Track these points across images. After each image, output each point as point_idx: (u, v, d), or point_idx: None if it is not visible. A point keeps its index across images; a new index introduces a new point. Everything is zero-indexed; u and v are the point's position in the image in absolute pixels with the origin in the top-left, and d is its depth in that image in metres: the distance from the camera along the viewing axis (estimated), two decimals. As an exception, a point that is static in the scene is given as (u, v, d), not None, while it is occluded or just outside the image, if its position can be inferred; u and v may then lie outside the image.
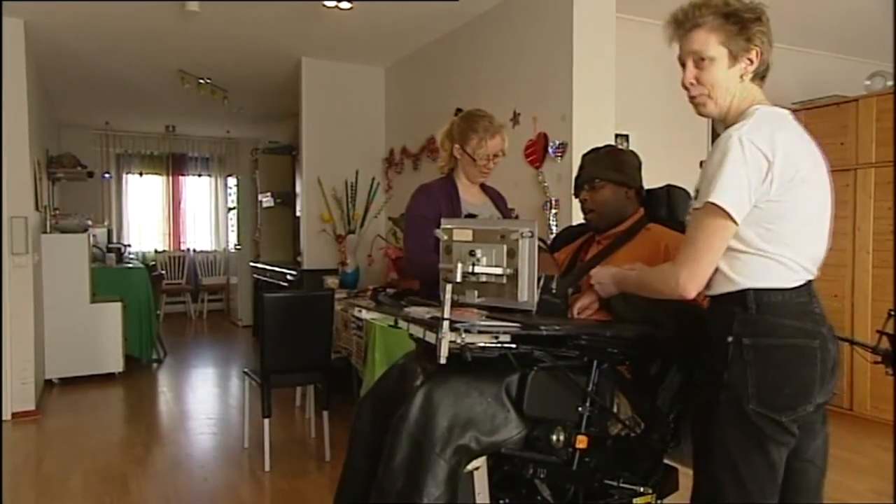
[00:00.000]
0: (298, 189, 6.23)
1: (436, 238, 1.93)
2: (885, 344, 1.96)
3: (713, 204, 1.47)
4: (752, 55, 1.57)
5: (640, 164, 2.27)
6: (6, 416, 4.48)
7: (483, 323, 1.61)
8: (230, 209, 9.74)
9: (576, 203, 2.37)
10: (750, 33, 1.55)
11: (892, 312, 2.06)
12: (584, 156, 2.31)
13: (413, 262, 2.54)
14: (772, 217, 1.50)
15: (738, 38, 1.56)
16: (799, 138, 1.57)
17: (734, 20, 1.55)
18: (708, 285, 1.58)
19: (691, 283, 1.53)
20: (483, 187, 2.64)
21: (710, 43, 1.57)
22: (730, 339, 1.53)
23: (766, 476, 1.54)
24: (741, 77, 1.58)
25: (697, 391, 1.66)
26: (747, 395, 1.51)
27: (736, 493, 1.54)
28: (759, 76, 1.61)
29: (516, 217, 4.05)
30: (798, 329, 1.52)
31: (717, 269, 1.56)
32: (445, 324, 1.50)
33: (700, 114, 1.66)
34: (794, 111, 4.96)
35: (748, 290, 1.53)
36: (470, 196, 2.56)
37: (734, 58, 1.57)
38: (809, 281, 1.57)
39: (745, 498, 1.54)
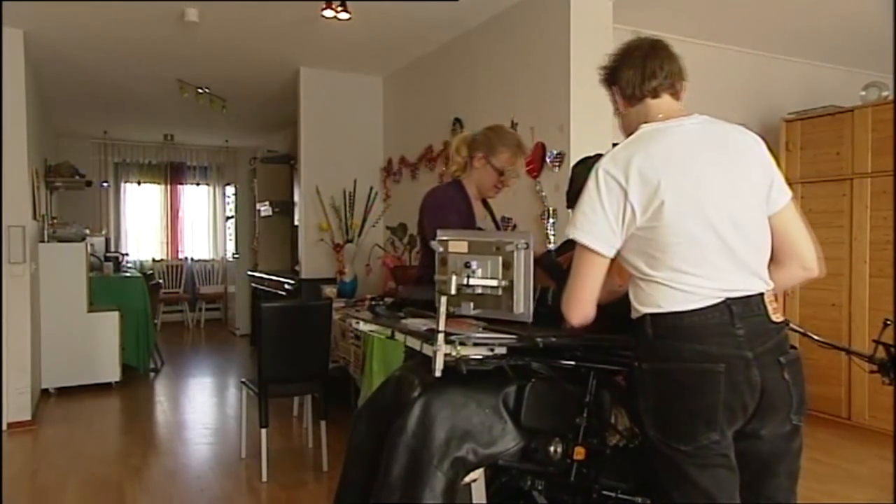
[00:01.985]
0: (296, 198, 6.23)
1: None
2: (881, 353, 1.96)
3: (573, 238, 1.53)
4: (613, 93, 1.70)
5: None
6: (2, 426, 4.46)
7: (478, 335, 1.61)
8: (228, 218, 9.74)
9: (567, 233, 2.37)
10: (608, 82, 1.71)
11: (888, 322, 2.06)
12: (574, 167, 2.31)
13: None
14: (653, 244, 1.48)
15: (609, 94, 1.73)
16: (670, 151, 1.51)
17: (603, 83, 1.74)
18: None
19: (569, 312, 1.59)
20: (483, 202, 2.64)
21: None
22: (636, 364, 1.54)
23: (700, 501, 1.47)
24: (620, 112, 1.70)
25: None
26: (647, 422, 1.50)
27: None
28: (637, 96, 1.63)
29: (514, 228, 4.06)
30: (698, 352, 1.44)
31: (629, 296, 1.57)
32: (440, 336, 1.50)
33: None
34: (789, 121, 5.03)
35: (646, 315, 1.51)
36: (476, 208, 2.57)
37: (613, 105, 1.73)
38: (729, 300, 1.46)
39: None
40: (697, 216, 1.47)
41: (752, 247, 1.51)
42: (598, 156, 2.35)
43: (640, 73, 1.62)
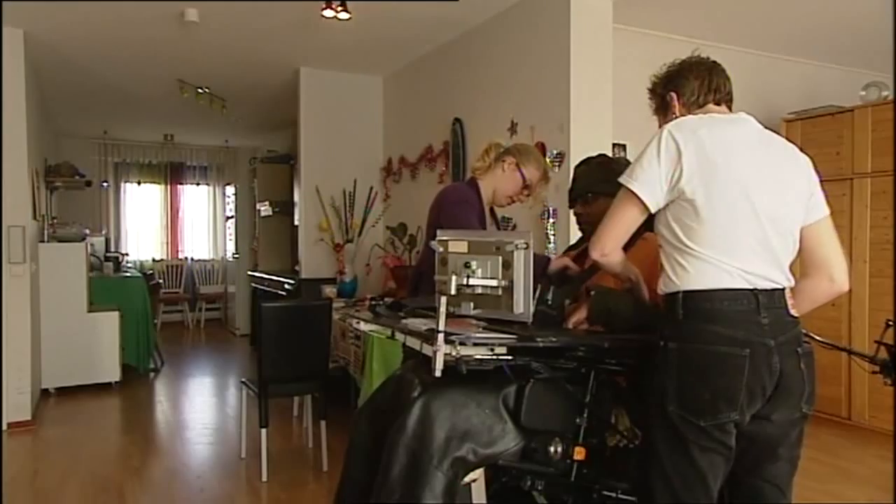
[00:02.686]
0: (296, 198, 6.23)
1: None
2: (883, 354, 1.96)
3: (623, 185, 1.63)
4: (668, 98, 1.82)
5: None
6: (2, 426, 4.46)
7: (478, 335, 1.61)
8: (228, 218, 9.74)
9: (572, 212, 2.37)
10: (662, 86, 1.85)
11: (890, 322, 2.06)
12: (577, 167, 2.32)
13: None
14: (694, 215, 1.55)
15: (655, 99, 1.90)
16: (733, 137, 1.61)
17: (653, 89, 1.90)
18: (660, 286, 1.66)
19: (594, 246, 1.69)
20: (490, 210, 2.64)
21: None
22: (661, 343, 1.59)
23: (694, 482, 1.56)
24: (673, 116, 1.79)
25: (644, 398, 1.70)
26: (669, 397, 1.55)
27: (666, 496, 1.58)
28: (698, 105, 1.76)
29: (514, 228, 4.06)
30: (725, 336, 1.52)
31: (662, 270, 1.64)
32: (440, 336, 1.50)
33: None
34: (789, 121, 5.03)
35: (678, 293, 1.58)
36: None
37: (661, 110, 1.87)
38: (757, 289, 1.54)
39: (674, 500, 1.57)
40: (742, 198, 1.55)
41: (783, 242, 1.60)
42: (601, 155, 2.37)
43: (707, 83, 1.76)
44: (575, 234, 3.35)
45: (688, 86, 1.77)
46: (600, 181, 2.20)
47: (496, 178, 2.57)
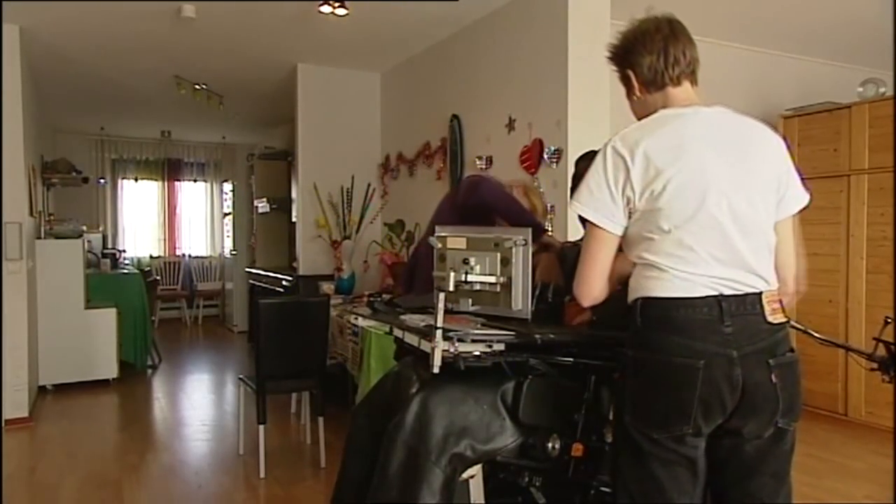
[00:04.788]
0: (294, 195, 6.22)
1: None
2: (882, 351, 1.96)
3: (579, 214, 1.54)
4: (628, 76, 1.63)
5: None
6: (0, 423, 4.46)
7: (476, 332, 1.61)
8: (226, 215, 9.71)
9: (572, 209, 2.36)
10: (619, 62, 1.64)
11: (889, 320, 2.06)
12: (578, 163, 2.31)
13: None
14: (652, 227, 1.47)
15: (618, 72, 1.67)
16: (683, 138, 1.48)
17: (610, 61, 1.68)
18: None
19: (579, 292, 1.57)
20: None
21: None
22: (625, 350, 1.54)
23: (653, 494, 1.48)
24: (634, 97, 1.64)
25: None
26: (626, 407, 1.51)
27: None
28: (657, 84, 1.58)
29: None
30: (681, 346, 1.43)
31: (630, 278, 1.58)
32: (438, 333, 1.50)
33: None
34: (786, 118, 5.03)
35: (637, 300, 1.51)
36: None
37: (625, 86, 1.67)
38: (721, 296, 1.44)
39: None
40: (697, 205, 1.45)
41: (752, 243, 1.48)
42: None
43: (663, 59, 1.56)
44: (573, 230, 3.36)
45: (643, 62, 1.58)
46: None
47: None
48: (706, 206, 1.45)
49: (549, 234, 2.45)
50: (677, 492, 1.48)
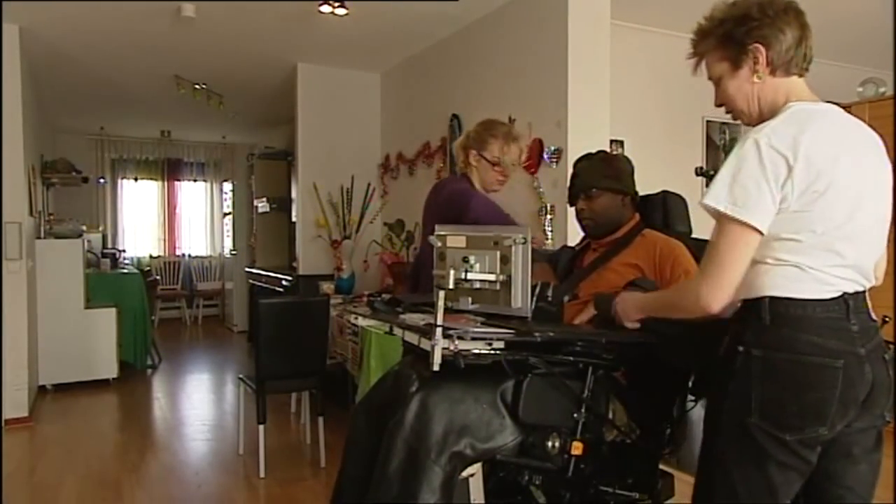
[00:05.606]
0: (294, 194, 6.22)
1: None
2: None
3: (728, 215, 1.39)
4: (754, 53, 1.48)
5: (632, 169, 2.28)
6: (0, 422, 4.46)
7: (476, 330, 1.61)
8: (226, 214, 9.72)
9: (571, 209, 2.37)
10: (740, 35, 1.49)
11: (888, 319, 2.06)
12: (577, 163, 2.30)
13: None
14: (795, 227, 1.39)
15: (731, 46, 1.51)
16: (834, 138, 1.43)
17: (721, 32, 1.53)
18: None
19: (712, 298, 1.43)
20: None
21: (713, 64, 1.56)
22: (740, 348, 1.44)
23: (763, 497, 1.43)
24: (756, 76, 1.50)
25: (708, 398, 1.61)
26: (750, 407, 1.42)
27: None
28: (786, 68, 1.48)
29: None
30: (817, 346, 1.38)
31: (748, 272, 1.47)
32: (438, 331, 1.50)
33: (745, 125, 1.60)
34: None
35: (764, 298, 1.42)
36: None
37: (736, 65, 1.51)
38: (846, 294, 1.42)
39: None
40: (852, 209, 1.40)
41: (875, 244, 1.49)
42: (601, 152, 2.37)
43: (804, 44, 1.47)
44: (573, 231, 3.36)
45: (782, 40, 1.45)
46: (603, 177, 2.20)
47: (476, 172, 2.65)
48: (861, 211, 1.41)
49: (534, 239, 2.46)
50: (785, 495, 1.44)
